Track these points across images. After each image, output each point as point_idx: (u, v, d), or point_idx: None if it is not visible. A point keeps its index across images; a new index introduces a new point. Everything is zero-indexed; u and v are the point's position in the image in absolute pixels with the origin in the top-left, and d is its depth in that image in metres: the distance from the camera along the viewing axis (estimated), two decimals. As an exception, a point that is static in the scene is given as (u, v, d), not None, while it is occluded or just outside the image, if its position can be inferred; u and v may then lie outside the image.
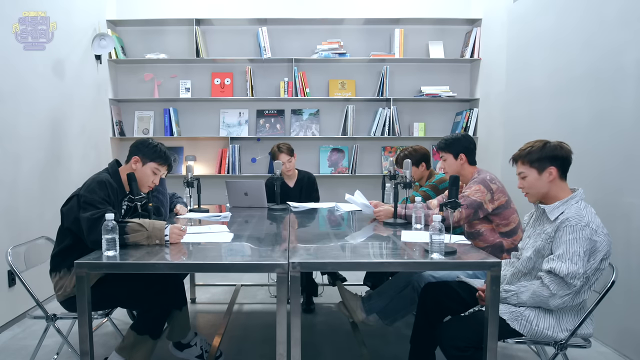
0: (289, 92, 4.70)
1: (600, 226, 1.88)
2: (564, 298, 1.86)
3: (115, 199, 2.23)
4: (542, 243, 1.96)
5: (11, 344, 2.87)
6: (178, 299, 2.49)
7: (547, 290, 1.86)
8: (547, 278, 1.87)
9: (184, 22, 4.68)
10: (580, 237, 1.83)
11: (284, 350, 1.82)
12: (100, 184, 2.17)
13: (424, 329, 2.26)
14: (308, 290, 3.45)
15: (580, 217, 1.86)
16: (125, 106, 4.89)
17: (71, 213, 2.17)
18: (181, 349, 2.58)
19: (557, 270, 1.83)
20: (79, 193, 2.18)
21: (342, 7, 4.76)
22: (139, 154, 2.36)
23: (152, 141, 2.42)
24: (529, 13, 3.74)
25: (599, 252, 1.86)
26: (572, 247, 1.83)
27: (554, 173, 1.97)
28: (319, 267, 2.13)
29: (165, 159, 2.41)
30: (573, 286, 1.83)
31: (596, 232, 1.85)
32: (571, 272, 1.81)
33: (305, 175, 3.79)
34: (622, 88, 2.74)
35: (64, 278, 2.20)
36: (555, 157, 1.97)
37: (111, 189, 2.20)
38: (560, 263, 1.83)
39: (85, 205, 2.09)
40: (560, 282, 1.84)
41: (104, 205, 2.09)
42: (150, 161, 2.36)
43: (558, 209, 1.95)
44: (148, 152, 2.36)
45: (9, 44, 3.11)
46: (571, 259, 1.82)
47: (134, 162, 2.36)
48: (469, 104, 4.86)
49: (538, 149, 1.99)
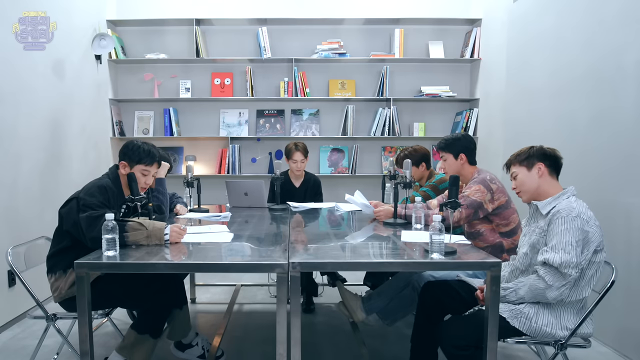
0: (289, 92, 4.70)
1: (592, 218, 1.92)
2: (560, 289, 1.87)
3: (115, 203, 2.23)
4: (537, 237, 2.00)
5: (11, 344, 2.87)
6: (178, 298, 2.50)
7: (542, 282, 1.88)
8: (542, 270, 1.90)
9: (184, 22, 4.68)
10: (571, 227, 1.86)
11: (284, 350, 1.82)
12: (100, 188, 2.17)
13: (425, 327, 2.26)
14: (308, 290, 3.45)
15: (571, 208, 1.90)
16: (125, 106, 4.89)
17: (70, 216, 2.15)
18: (183, 350, 2.59)
19: (550, 260, 1.86)
20: (78, 196, 2.17)
21: (342, 7, 4.76)
22: (125, 159, 2.33)
23: (135, 142, 2.37)
24: (529, 13, 3.74)
25: (591, 242, 1.89)
26: (564, 237, 1.86)
27: (542, 169, 2.03)
28: (319, 267, 2.13)
29: (150, 157, 2.36)
30: (568, 276, 1.85)
31: (587, 223, 1.88)
32: (565, 262, 1.83)
33: (311, 177, 3.80)
34: (622, 88, 2.74)
35: (59, 280, 2.19)
36: (543, 155, 2.05)
37: (111, 194, 2.21)
38: (554, 254, 1.86)
39: (84, 208, 2.08)
40: (555, 273, 1.87)
41: (102, 209, 2.09)
42: (136, 164, 2.33)
43: (550, 204, 2.00)
44: (132, 155, 2.33)
45: (9, 44, 3.11)
46: (564, 249, 1.85)
47: (123, 167, 2.34)
48: (469, 104, 4.86)
49: (526, 150, 2.09)
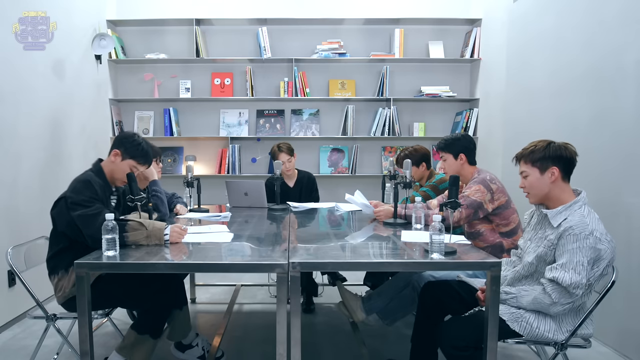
0: (289, 92, 4.70)
1: (604, 233, 1.84)
2: (565, 306, 1.85)
3: (102, 194, 2.20)
4: (545, 250, 1.92)
5: (11, 344, 2.87)
6: (178, 298, 2.50)
7: (548, 299, 1.85)
8: (550, 287, 1.85)
9: (184, 22, 4.68)
10: (584, 247, 1.79)
11: (284, 350, 1.82)
12: (85, 183, 2.14)
13: (425, 327, 2.26)
14: (308, 290, 3.45)
15: (584, 225, 1.82)
16: (125, 106, 4.89)
17: (61, 217, 2.14)
18: (183, 350, 2.58)
19: (560, 280, 1.81)
20: (65, 195, 2.15)
21: (342, 7, 4.76)
22: (121, 148, 2.28)
23: (136, 138, 2.32)
24: (529, 13, 3.74)
25: (603, 260, 1.83)
26: (576, 257, 1.80)
27: (556, 174, 1.92)
28: (319, 267, 2.12)
29: (145, 158, 2.33)
30: (575, 295, 1.81)
31: (600, 240, 1.81)
32: (574, 283, 1.79)
33: (305, 175, 3.79)
34: (622, 88, 2.74)
35: (62, 279, 2.19)
36: (559, 158, 1.92)
37: (97, 186, 2.16)
38: (564, 272, 1.80)
39: (73, 206, 2.07)
40: (563, 292, 1.82)
41: (92, 203, 2.07)
42: (129, 158, 2.28)
43: (561, 215, 1.90)
44: (130, 149, 2.28)
45: (9, 44, 3.11)
46: (574, 269, 1.79)
47: (114, 155, 2.28)
48: (469, 104, 4.86)
49: (541, 149, 1.94)
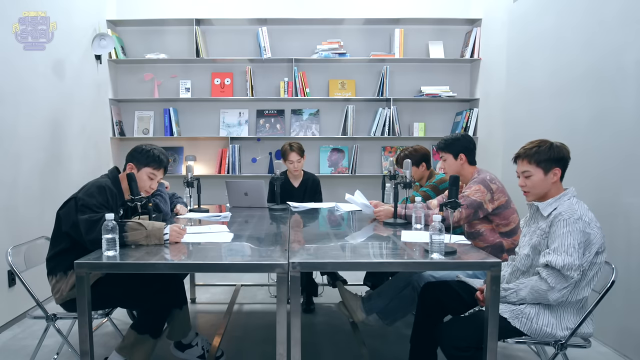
0: (289, 92, 4.70)
1: (593, 220, 1.92)
2: (562, 291, 1.87)
3: (114, 203, 2.23)
4: (538, 239, 1.99)
5: (11, 344, 2.87)
6: (178, 298, 2.50)
7: (545, 284, 1.88)
8: (545, 272, 1.89)
9: (184, 22, 4.68)
10: (573, 230, 1.87)
11: (284, 350, 1.82)
12: (99, 188, 2.17)
13: (424, 328, 2.26)
14: (308, 290, 3.45)
15: (573, 210, 1.91)
16: (125, 106, 4.89)
17: (69, 217, 2.15)
18: (182, 350, 2.59)
19: (553, 263, 1.86)
20: (76, 196, 2.17)
21: (342, 7, 4.76)
22: (133, 161, 2.38)
23: (145, 147, 2.42)
24: (529, 13, 3.74)
25: (593, 244, 1.89)
26: (567, 240, 1.86)
27: (557, 174, 2.01)
28: (319, 267, 2.13)
29: (159, 162, 2.40)
30: (570, 278, 1.85)
31: (589, 225, 1.88)
32: (567, 264, 1.84)
33: (310, 177, 3.80)
34: (622, 88, 2.74)
35: (60, 282, 2.19)
36: (561, 159, 2.01)
37: (110, 194, 2.21)
38: (556, 256, 1.86)
39: (82, 209, 2.08)
40: (558, 275, 1.86)
41: (102, 210, 2.09)
42: (144, 166, 2.37)
43: (551, 205, 2.00)
44: (141, 158, 2.37)
45: (9, 44, 3.11)
46: (566, 251, 1.85)
47: (129, 169, 2.38)
48: (469, 104, 4.86)
49: (546, 150, 2.00)
